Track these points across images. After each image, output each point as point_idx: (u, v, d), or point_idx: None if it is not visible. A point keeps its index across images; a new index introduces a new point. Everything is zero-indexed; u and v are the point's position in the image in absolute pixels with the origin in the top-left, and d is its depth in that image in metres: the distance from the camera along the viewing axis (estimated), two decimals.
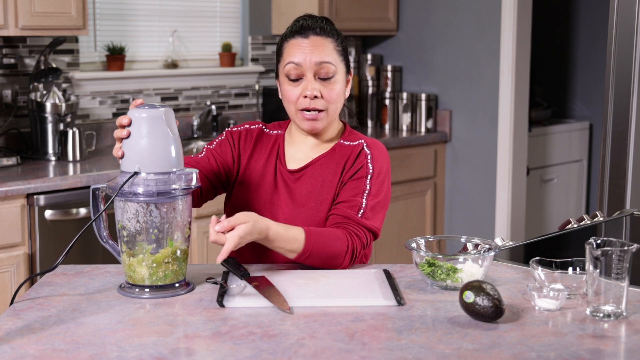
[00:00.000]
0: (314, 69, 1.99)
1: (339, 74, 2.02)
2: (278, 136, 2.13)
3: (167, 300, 1.71)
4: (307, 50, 1.99)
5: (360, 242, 1.94)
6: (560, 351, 1.42)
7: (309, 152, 2.08)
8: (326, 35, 2.02)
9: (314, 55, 1.98)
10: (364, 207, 1.97)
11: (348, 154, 2.05)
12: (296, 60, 1.99)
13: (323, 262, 1.89)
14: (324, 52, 1.99)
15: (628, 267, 1.56)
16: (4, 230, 3.07)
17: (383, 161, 2.04)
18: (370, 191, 1.99)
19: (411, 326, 1.54)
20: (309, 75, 1.99)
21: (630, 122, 2.84)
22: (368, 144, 2.06)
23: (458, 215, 4.58)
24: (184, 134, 4.17)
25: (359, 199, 1.98)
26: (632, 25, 2.81)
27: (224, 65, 4.42)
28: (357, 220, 1.95)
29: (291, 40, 2.02)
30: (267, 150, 2.10)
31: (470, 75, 4.46)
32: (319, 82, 2.00)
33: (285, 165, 2.08)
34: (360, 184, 2.00)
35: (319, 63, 1.99)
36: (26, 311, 1.63)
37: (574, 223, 2.32)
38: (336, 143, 2.09)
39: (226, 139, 2.12)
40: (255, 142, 2.11)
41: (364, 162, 2.02)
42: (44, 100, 3.56)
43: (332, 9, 4.38)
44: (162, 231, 1.72)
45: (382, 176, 2.02)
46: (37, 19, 3.37)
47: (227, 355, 1.41)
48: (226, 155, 2.10)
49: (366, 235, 1.96)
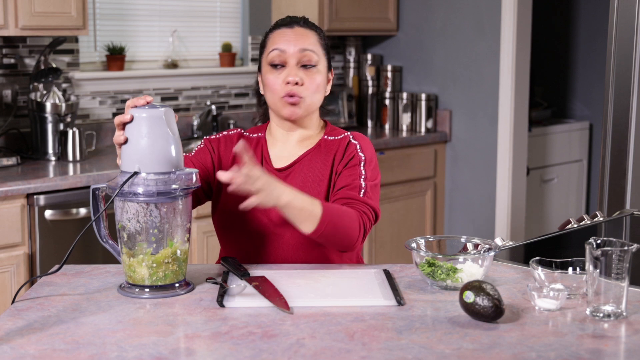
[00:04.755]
0: (297, 56, 2.02)
1: (321, 64, 2.05)
2: (260, 138, 2.12)
3: (167, 300, 1.71)
4: (292, 38, 2.03)
5: (368, 219, 1.95)
6: (560, 351, 1.42)
7: (293, 149, 2.09)
8: (310, 28, 2.07)
9: (298, 42, 2.02)
10: (365, 188, 1.99)
11: (335, 147, 2.06)
12: (281, 47, 2.02)
13: (337, 239, 1.87)
14: (308, 41, 2.04)
15: (628, 267, 1.56)
16: (4, 230, 3.07)
17: (371, 151, 2.07)
18: (366, 176, 2.01)
19: (411, 326, 1.54)
20: (292, 62, 2.02)
21: (630, 122, 2.84)
22: (354, 136, 2.09)
23: (458, 215, 4.58)
24: (184, 134, 4.17)
25: (358, 181, 2.00)
26: (632, 25, 2.81)
27: (224, 65, 4.42)
28: (361, 199, 1.97)
29: (276, 30, 2.07)
30: (250, 153, 2.10)
31: (470, 75, 4.46)
32: (302, 70, 2.02)
33: (272, 165, 2.08)
34: (355, 170, 2.02)
35: (303, 50, 2.02)
36: (26, 311, 1.63)
37: (574, 223, 2.32)
38: (320, 139, 2.09)
39: (205, 146, 2.12)
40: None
41: (354, 152, 2.04)
42: (44, 100, 3.56)
43: (332, 9, 4.38)
44: (162, 231, 1.72)
45: (373, 164, 2.05)
46: (37, 19, 3.37)
47: (227, 355, 1.41)
48: (206, 162, 2.08)
49: (372, 214, 1.97)
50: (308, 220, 1.82)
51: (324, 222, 1.82)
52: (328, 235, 1.84)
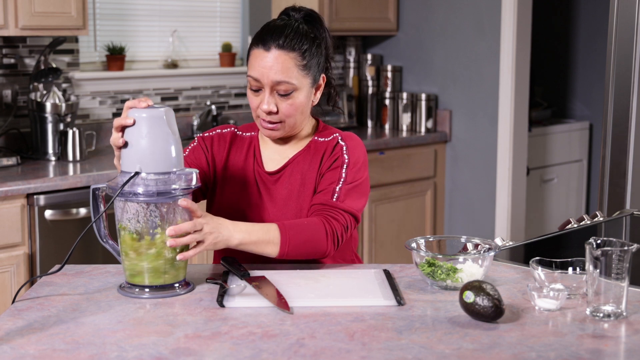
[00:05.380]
0: (271, 85, 1.95)
1: (301, 89, 1.98)
2: (252, 138, 2.12)
3: (167, 300, 1.71)
4: (267, 66, 1.94)
5: (339, 224, 1.93)
6: (560, 351, 1.42)
7: (285, 151, 2.08)
8: (289, 50, 1.94)
9: (272, 72, 1.94)
10: (338, 192, 1.97)
11: (324, 149, 2.05)
12: (254, 75, 1.96)
13: (306, 253, 1.89)
14: (283, 71, 1.94)
15: (628, 267, 1.56)
16: (4, 230, 3.07)
17: (359, 152, 2.04)
18: (345, 179, 1.99)
19: (411, 326, 1.54)
20: (267, 90, 1.96)
21: (630, 122, 2.84)
22: (342, 137, 2.06)
23: (458, 215, 4.58)
24: (184, 134, 4.17)
25: (334, 185, 1.98)
26: (632, 25, 2.81)
27: (224, 65, 4.42)
28: (332, 204, 1.95)
29: (255, 49, 1.98)
30: (243, 153, 2.10)
31: (470, 75, 4.46)
32: (277, 97, 1.97)
33: (263, 167, 2.07)
34: (336, 173, 2.00)
35: (277, 82, 1.95)
36: (26, 311, 1.63)
37: (574, 223, 2.32)
38: (311, 140, 2.08)
39: (199, 144, 2.11)
40: (229, 145, 2.10)
41: (340, 154, 2.02)
42: (44, 100, 3.56)
43: (332, 9, 4.38)
44: (162, 231, 1.72)
45: (358, 165, 2.02)
46: (37, 19, 3.37)
47: (227, 355, 1.41)
48: (200, 160, 2.09)
49: (345, 217, 1.95)
50: (268, 247, 1.86)
51: (285, 244, 1.86)
52: (294, 253, 1.88)
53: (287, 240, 1.86)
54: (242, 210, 2.05)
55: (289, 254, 1.87)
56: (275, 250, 1.86)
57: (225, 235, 1.79)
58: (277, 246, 1.86)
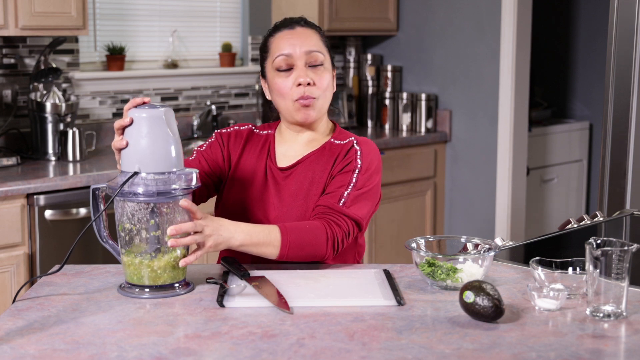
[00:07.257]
0: (305, 58, 2.02)
1: (327, 63, 2.06)
2: (268, 135, 2.14)
3: (167, 300, 1.71)
4: (296, 41, 2.02)
5: (341, 230, 1.93)
6: (560, 351, 1.42)
7: (300, 149, 2.09)
8: (311, 27, 2.07)
9: (304, 45, 2.02)
10: (346, 197, 1.97)
11: (338, 151, 2.06)
12: (286, 52, 2.02)
13: (306, 256, 1.89)
14: (312, 42, 2.03)
15: (628, 267, 1.56)
16: (4, 230, 3.07)
17: (373, 158, 2.05)
18: (355, 184, 1.99)
19: (411, 326, 1.54)
20: (300, 64, 2.01)
21: (630, 122, 2.84)
22: (358, 142, 2.07)
23: (458, 215, 4.58)
24: (184, 134, 4.17)
25: (343, 190, 1.98)
26: (632, 25, 2.81)
27: (224, 65, 4.42)
28: (337, 209, 1.95)
29: (277, 34, 2.06)
30: (257, 149, 2.11)
31: (470, 75, 4.46)
32: (310, 70, 2.02)
33: (276, 163, 2.08)
34: (346, 177, 2.00)
35: (309, 52, 2.02)
36: (26, 311, 1.63)
37: (574, 223, 2.32)
38: (327, 141, 2.09)
39: (216, 140, 2.13)
40: (245, 142, 2.12)
41: (353, 158, 2.03)
42: (44, 100, 3.56)
43: (332, 9, 4.38)
44: (162, 231, 1.72)
45: (370, 172, 2.02)
46: (37, 19, 3.37)
47: (227, 355, 1.41)
48: (217, 156, 2.10)
49: (347, 224, 1.94)
50: (268, 249, 1.87)
51: (285, 246, 1.87)
52: (294, 255, 1.89)
53: (287, 243, 1.87)
54: (248, 205, 2.05)
55: (288, 256, 1.88)
56: (275, 252, 1.87)
57: (226, 237, 1.80)
58: (277, 248, 1.87)
